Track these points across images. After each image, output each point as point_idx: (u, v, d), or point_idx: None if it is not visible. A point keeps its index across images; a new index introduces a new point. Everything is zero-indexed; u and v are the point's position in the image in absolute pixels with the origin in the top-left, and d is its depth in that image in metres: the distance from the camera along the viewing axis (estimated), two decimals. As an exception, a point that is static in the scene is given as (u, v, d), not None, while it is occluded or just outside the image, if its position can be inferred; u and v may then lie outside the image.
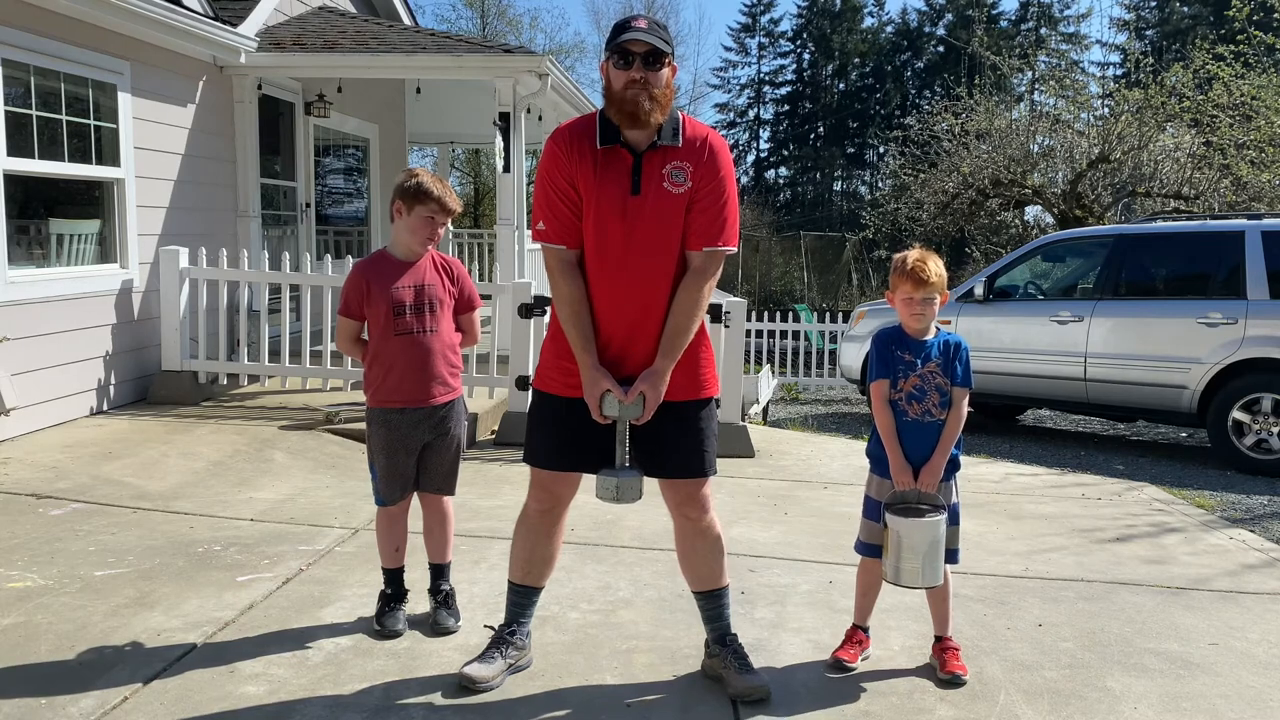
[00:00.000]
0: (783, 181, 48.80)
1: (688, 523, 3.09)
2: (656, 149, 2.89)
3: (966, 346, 3.31)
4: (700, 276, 2.93)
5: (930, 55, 44.63)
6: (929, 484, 3.20)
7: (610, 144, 2.89)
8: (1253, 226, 7.90)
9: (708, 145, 2.93)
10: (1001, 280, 9.35)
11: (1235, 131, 14.19)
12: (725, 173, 2.94)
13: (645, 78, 2.81)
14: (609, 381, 2.88)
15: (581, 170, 2.90)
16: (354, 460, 6.02)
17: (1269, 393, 7.54)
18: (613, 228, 2.89)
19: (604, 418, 2.90)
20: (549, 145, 2.96)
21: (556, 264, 2.95)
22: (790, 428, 9.28)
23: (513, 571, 3.20)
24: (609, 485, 2.91)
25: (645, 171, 2.89)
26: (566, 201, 2.92)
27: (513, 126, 8.58)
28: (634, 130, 2.86)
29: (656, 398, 2.90)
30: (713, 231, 2.92)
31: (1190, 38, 16.18)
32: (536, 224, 2.97)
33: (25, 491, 5.03)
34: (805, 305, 22.05)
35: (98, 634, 3.38)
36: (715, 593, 3.15)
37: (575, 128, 2.96)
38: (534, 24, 54.92)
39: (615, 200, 2.88)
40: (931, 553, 3.15)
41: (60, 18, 6.36)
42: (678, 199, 2.89)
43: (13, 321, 6.01)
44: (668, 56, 2.86)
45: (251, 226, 8.68)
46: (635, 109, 2.81)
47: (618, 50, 2.83)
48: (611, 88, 2.86)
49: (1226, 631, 3.77)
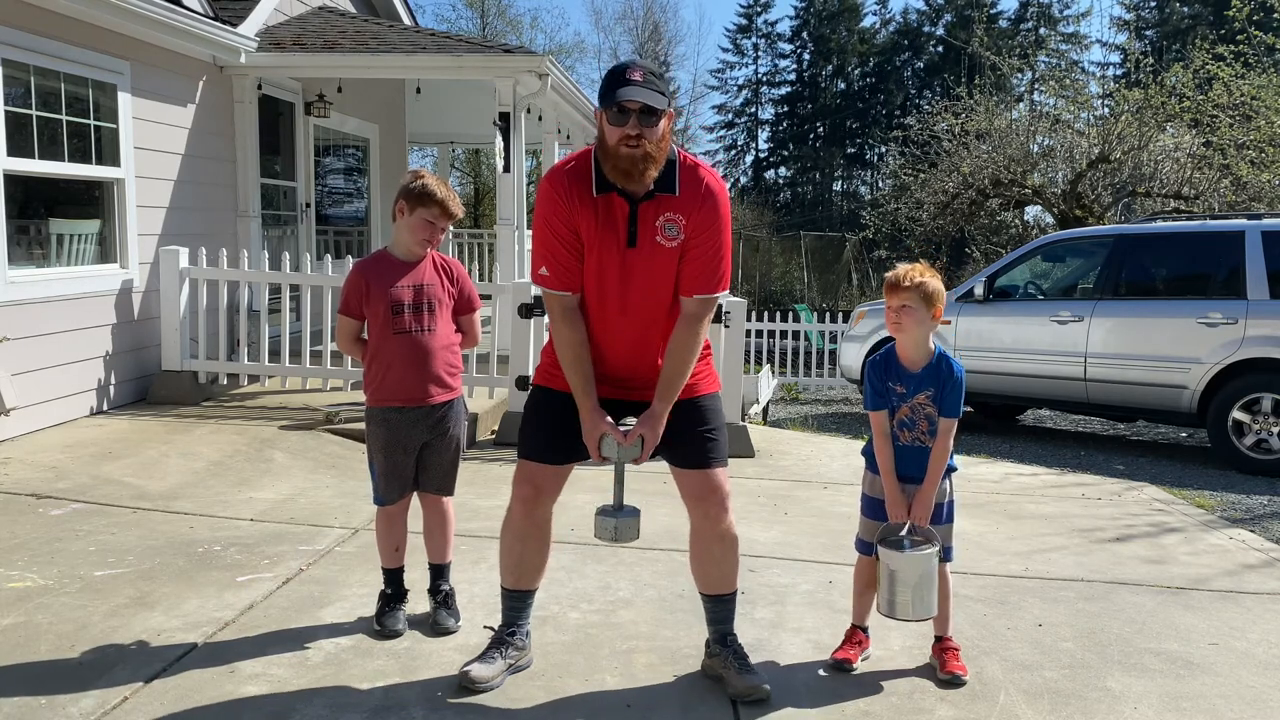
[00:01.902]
0: (782, 181, 48.78)
1: (707, 522, 3.05)
2: (652, 198, 2.89)
3: (961, 376, 3.24)
4: (694, 322, 2.95)
5: (930, 55, 44.61)
6: (921, 516, 3.21)
7: (606, 192, 2.88)
8: (1253, 226, 7.90)
9: (702, 192, 2.91)
10: (1001, 280, 9.36)
11: (1235, 131, 14.19)
12: (719, 222, 2.93)
13: (641, 134, 2.78)
14: (607, 424, 2.92)
15: (582, 216, 2.90)
16: (354, 460, 6.02)
17: (1269, 393, 7.55)
18: (611, 275, 2.93)
19: (602, 459, 2.95)
20: (546, 188, 2.94)
21: (559, 310, 2.96)
22: (790, 428, 9.28)
23: (504, 577, 3.19)
24: (608, 526, 2.97)
25: (641, 222, 2.89)
26: (568, 247, 2.92)
27: (513, 126, 8.58)
28: (629, 186, 2.86)
29: (655, 439, 2.94)
30: (705, 281, 2.94)
31: (1190, 38, 16.18)
32: (538, 269, 2.96)
33: (25, 491, 5.03)
34: (805, 305, 22.05)
35: (98, 634, 3.38)
36: (724, 597, 3.14)
37: (572, 172, 2.93)
38: (534, 24, 55.04)
39: (613, 250, 2.91)
40: (923, 585, 3.18)
41: (60, 18, 6.36)
42: (671, 251, 2.91)
43: (13, 321, 6.01)
44: (664, 110, 2.81)
45: (251, 226, 8.68)
46: (630, 169, 2.80)
47: (613, 104, 2.79)
48: (606, 141, 2.83)
49: (1226, 631, 3.77)
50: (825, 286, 26.14)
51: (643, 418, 2.95)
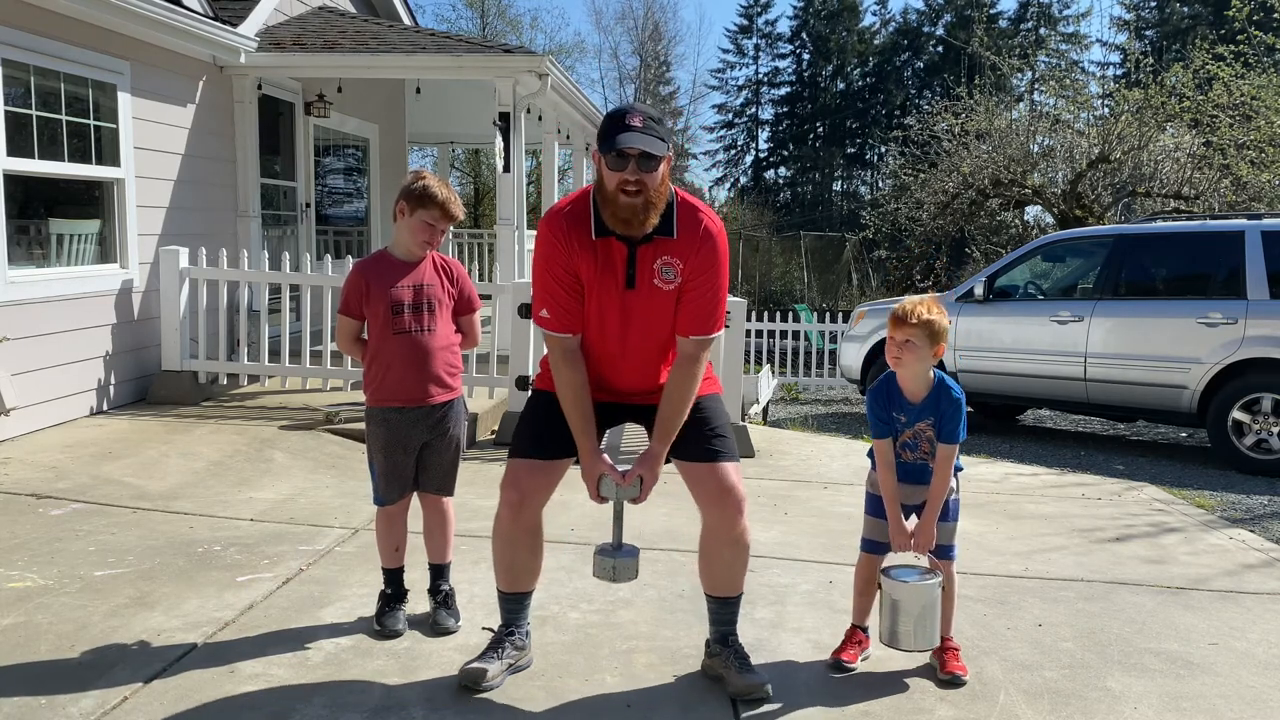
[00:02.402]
0: (782, 181, 48.77)
1: (721, 525, 3.02)
2: (650, 241, 2.89)
3: (961, 400, 3.22)
4: (691, 363, 2.96)
5: (930, 55, 44.60)
6: (924, 545, 3.22)
7: (605, 236, 2.88)
8: (1253, 226, 7.90)
9: (700, 235, 2.91)
10: (1001, 280, 9.36)
11: (1235, 131, 14.19)
12: (717, 265, 2.93)
13: (641, 179, 2.76)
14: (606, 465, 2.94)
15: (581, 258, 2.90)
16: (354, 460, 6.02)
17: (1269, 393, 7.55)
18: (610, 315, 2.95)
19: (601, 499, 2.97)
20: (545, 231, 2.94)
21: (559, 351, 2.97)
22: (790, 428, 9.28)
23: (498, 580, 3.18)
24: (606, 566, 2.98)
25: (639, 265, 2.90)
26: (567, 290, 2.92)
27: (513, 126, 8.58)
28: (629, 232, 2.85)
29: (653, 480, 2.97)
30: (702, 323, 2.95)
31: (1190, 38, 16.19)
32: (539, 311, 2.97)
33: (25, 491, 5.03)
34: (805, 305, 22.05)
35: (98, 634, 3.38)
36: (730, 599, 3.14)
37: (570, 215, 2.92)
38: (534, 24, 55.11)
39: (611, 292, 2.92)
40: (925, 616, 3.18)
41: (60, 18, 6.36)
42: (669, 294, 2.92)
43: (13, 321, 6.01)
44: (663, 155, 2.79)
45: (251, 226, 8.68)
46: (630, 217, 2.80)
47: (612, 150, 2.76)
48: (605, 186, 2.81)
49: (1226, 631, 3.77)
50: (825, 286, 26.14)
51: (641, 458, 2.97)
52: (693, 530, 3.25)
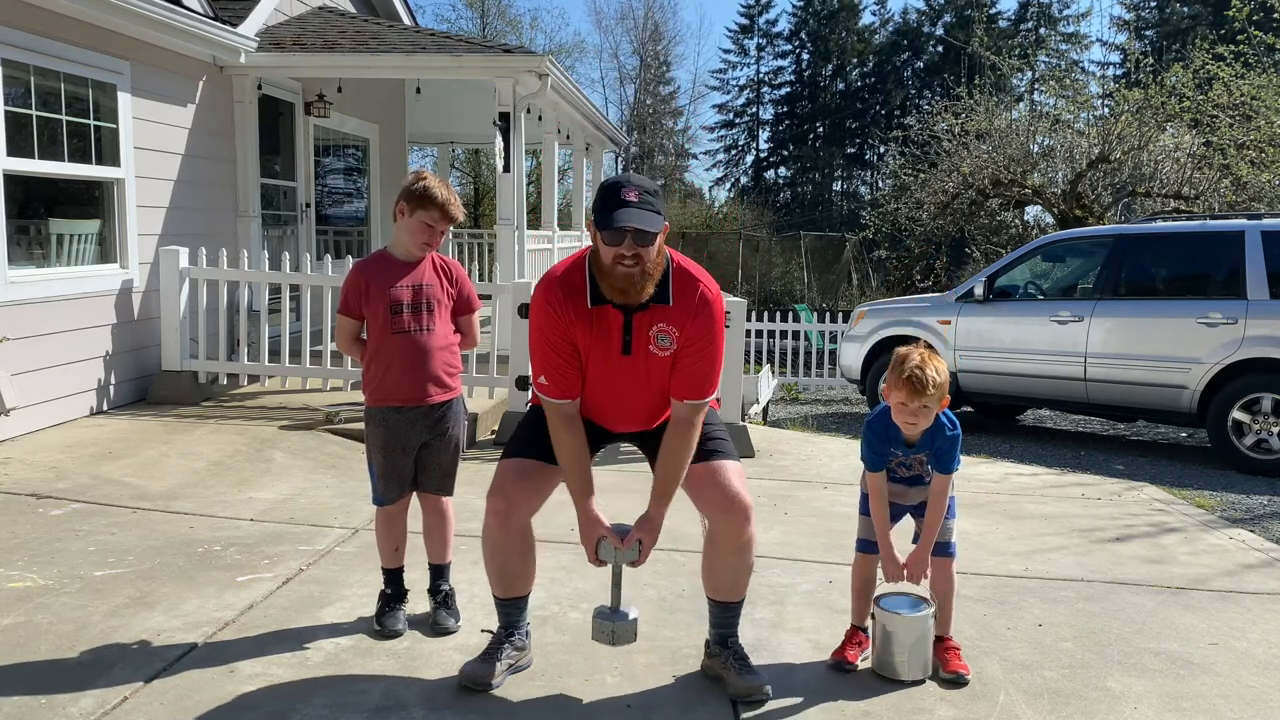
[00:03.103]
0: (782, 181, 48.78)
1: (727, 533, 3.01)
2: (646, 309, 2.88)
3: (958, 439, 3.20)
4: (686, 426, 2.95)
5: (930, 55, 44.60)
6: (917, 576, 3.22)
7: (601, 304, 2.88)
8: (1253, 226, 7.90)
9: (696, 302, 2.90)
10: (1001, 280, 9.36)
11: (1235, 131, 14.19)
12: (713, 333, 2.93)
13: (637, 254, 2.76)
14: (604, 528, 2.94)
15: (578, 327, 2.90)
16: (354, 460, 6.02)
17: (1269, 393, 7.55)
18: (606, 378, 2.96)
19: (599, 562, 2.97)
20: (540, 299, 2.93)
21: (558, 416, 2.96)
22: (790, 428, 9.28)
23: (493, 586, 3.17)
24: (605, 630, 2.98)
25: (635, 332, 2.90)
26: (564, 358, 2.92)
27: (513, 126, 8.58)
28: (625, 301, 2.85)
29: (652, 543, 2.97)
30: (696, 388, 2.94)
31: (1190, 38, 16.19)
32: (537, 377, 2.97)
33: (25, 491, 5.03)
34: (805, 305, 22.05)
35: (98, 634, 3.38)
36: (732, 604, 3.14)
37: (566, 284, 2.91)
38: (534, 24, 55.17)
39: (607, 357, 2.93)
40: (918, 646, 3.19)
41: (60, 18, 6.36)
42: (663, 360, 2.92)
43: (13, 321, 6.01)
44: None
45: (251, 226, 8.68)
46: (627, 287, 2.79)
47: (608, 227, 2.75)
48: (601, 259, 2.81)
49: (1226, 631, 3.77)
50: (825, 286, 26.13)
51: (639, 522, 2.97)
52: (693, 530, 3.25)
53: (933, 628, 3.23)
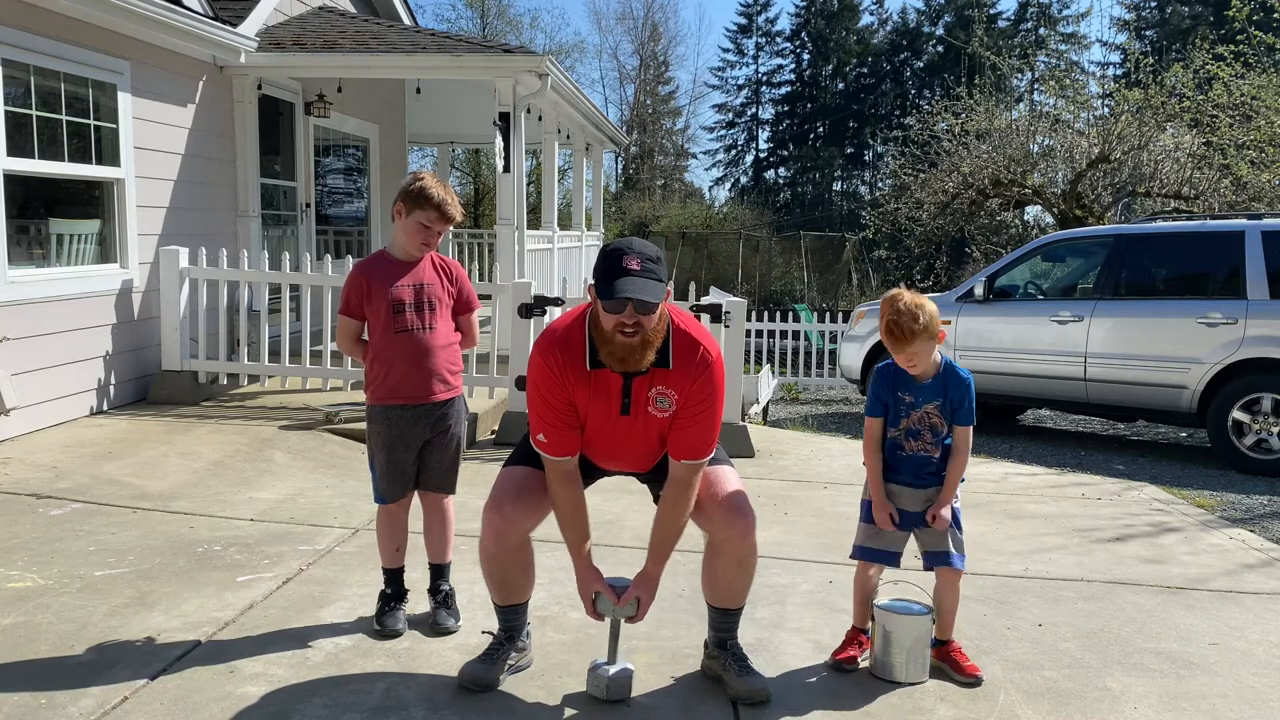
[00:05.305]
0: (782, 181, 48.76)
1: (729, 543, 3.02)
2: (645, 372, 2.87)
3: (970, 385, 3.23)
4: (684, 486, 2.95)
5: (930, 55, 44.58)
6: (941, 522, 3.21)
7: (599, 368, 2.87)
8: (1253, 226, 7.90)
9: (697, 363, 2.88)
10: (1001, 280, 9.35)
11: (1235, 131, 14.19)
12: (713, 395, 2.91)
13: (638, 322, 2.74)
14: (601, 584, 2.97)
15: (577, 390, 2.90)
16: (354, 460, 6.02)
17: (1269, 393, 7.54)
18: (606, 435, 2.96)
19: (598, 616, 2.99)
20: (539, 361, 2.91)
21: (556, 473, 2.97)
22: (790, 428, 9.28)
23: (492, 594, 3.17)
24: (600, 684, 2.99)
25: (634, 394, 2.89)
26: (563, 417, 2.91)
27: (513, 126, 8.58)
28: (625, 369, 2.84)
29: (650, 600, 2.99)
30: (695, 449, 2.93)
31: (1190, 38, 16.17)
32: (536, 434, 2.96)
33: (25, 491, 5.04)
34: (805, 305, 22.05)
35: (98, 634, 3.38)
36: (732, 611, 3.14)
37: (565, 346, 2.89)
38: (534, 24, 55.11)
39: (607, 417, 2.92)
40: (917, 648, 3.20)
41: (60, 18, 6.36)
42: (661, 421, 2.92)
43: (13, 321, 6.01)
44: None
45: (251, 226, 8.68)
46: (627, 356, 2.78)
47: (610, 296, 2.72)
48: (601, 325, 2.79)
49: (1226, 631, 3.77)
50: (825, 286, 26.13)
51: (637, 579, 2.99)
52: (693, 529, 3.24)
53: (930, 631, 3.23)
